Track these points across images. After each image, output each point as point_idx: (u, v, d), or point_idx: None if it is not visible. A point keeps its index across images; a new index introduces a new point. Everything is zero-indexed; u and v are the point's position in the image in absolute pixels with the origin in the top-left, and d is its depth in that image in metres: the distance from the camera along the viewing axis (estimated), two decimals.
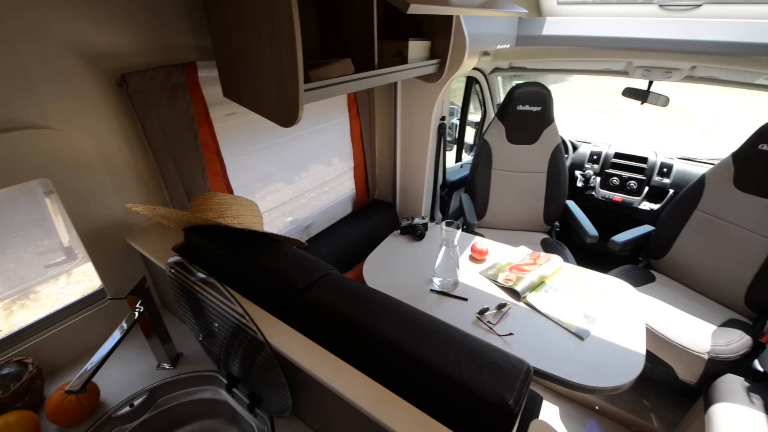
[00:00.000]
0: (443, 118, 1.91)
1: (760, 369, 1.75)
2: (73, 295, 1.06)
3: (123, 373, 0.97)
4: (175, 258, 0.82)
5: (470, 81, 2.53)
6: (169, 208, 0.87)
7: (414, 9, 0.72)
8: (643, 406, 1.70)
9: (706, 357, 1.40)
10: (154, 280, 1.12)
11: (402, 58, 1.37)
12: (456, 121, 2.82)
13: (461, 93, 2.67)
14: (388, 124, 1.85)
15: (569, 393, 1.78)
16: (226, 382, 0.89)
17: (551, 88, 2.09)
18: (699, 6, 1.61)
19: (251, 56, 0.90)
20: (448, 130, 2.80)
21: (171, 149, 1.02)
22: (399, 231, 1.68)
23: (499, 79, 2.67)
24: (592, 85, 8.40)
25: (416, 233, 1.63)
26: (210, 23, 0.97)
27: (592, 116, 7.26)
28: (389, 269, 1.47)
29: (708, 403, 1.29)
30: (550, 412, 1.72)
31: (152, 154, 0.99)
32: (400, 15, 1.55)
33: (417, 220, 1.67)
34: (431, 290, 1.34)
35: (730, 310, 1.66)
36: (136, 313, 0.86)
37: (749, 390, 1.26)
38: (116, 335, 0.80)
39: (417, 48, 1.41)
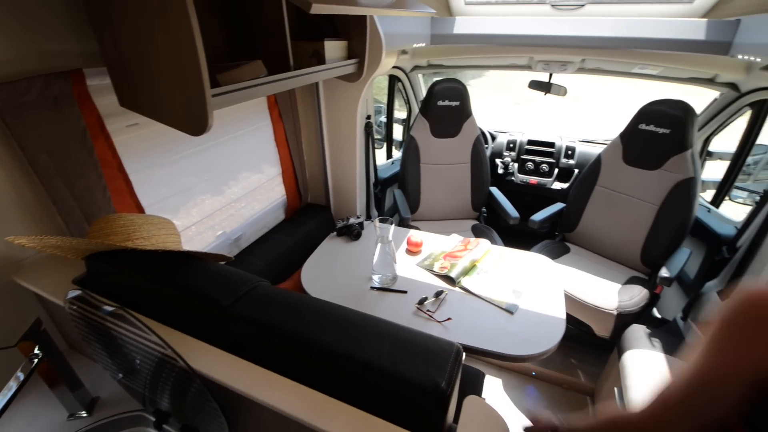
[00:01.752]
0: (369, 117, 1.93)
1: (658, 315, 2.05)
2: None
3: None
4: (76, 292, 0.73)
5: (393, 79, 2.59)
6: (63, 236, 0.76)
7: (317, 9, 0.72)
8: (571, 365, 1.90)
9: (615, 313, 1.60)
10: (55, 321, 0.98)
11: (320, 59, 1.35)
12: (384, 119, 2.87)
13: (387, 91, 2.72)
14: (314, 126, 1.82)
15: (508, 365, 1.92)
16: (154, 419, 0.81)
17: (471, 83, 2.23)
18: (583, 6, 1.82)
19: (147, 61, 0.82)
20: (376, 128, 2.83)
21: (60, 169, 0.90)
22: (335, 233, 1.67)
23: (420, 76, 2.77)
24: (506, 79, 9.09)
25: (352, 233, 1.63)
26: (95, 25, 0.87)
27: (507, 108, 7.86)
28: (328, 272, 1.45)
29: (620, 352, 1.48)
30: (493, 384, 1.84)
31: (36, 176, 0.86)
32: (314, 15, 1.53)
33: (352, 220, 1.67)
34: (371, 288, 1.35)
35: (630, 269, 1.92)
36: (34, 361, 0.75)
37: (650, 336, 1.47)
38: (10, 389, 0.69)
39: (334, 48, 1.41)
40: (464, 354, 1.69)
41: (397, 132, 2.99)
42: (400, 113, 2.97)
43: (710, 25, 1.58)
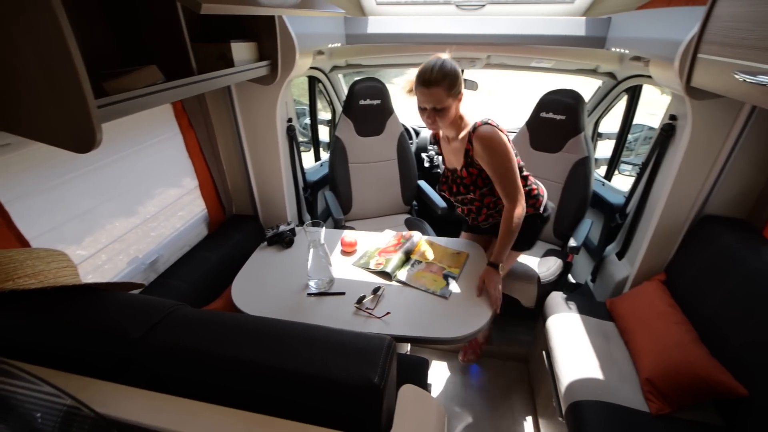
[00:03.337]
0: (290, 120, 1.88)
1: (573, 281, 2.30)
2: None
3: None
4: None
5: (313, 80, 2.55)
6: None
7: (207, 9, 0.67)
8: (506, 337, 2.05)
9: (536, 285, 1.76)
10: None
11: (228, 61, 1.28)
12: (308, 121, 2.82)
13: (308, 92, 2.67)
14: (231, 133, 1.72)
15: (451, 347, 2.01)
16: None
17: (393, 81, 2.27)
18: (483, 6, 1.96)
19: (11, 71, 0.71)
20: (301, 130, 2.76)
21: None
22: (266, 243, 1.60)
23: (341, 76, 2.77)
24: None
25: (284, 241, 1.58)
26: None
27: None
28: (261, 285, 1.39)
29: (544, 318, 1.63)
30: (439, 369, 1.92)
31: None
32: (218, 15, 1.44)
33: (283, 227, 1.62)
34: (308, 294, 1.32)
35: (547, 243, 2.12)
36: None
37: (566, 300, 1.65)
38: None
39: (242, 50, 1.34)
40: (409, 345, 1.72)
41: (324, 133, 2.96)
42: (325, 115, 2.94)
43: (588, 23, 1.81)
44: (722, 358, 1.18)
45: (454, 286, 1.35)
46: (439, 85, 1.22)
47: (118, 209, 1.30)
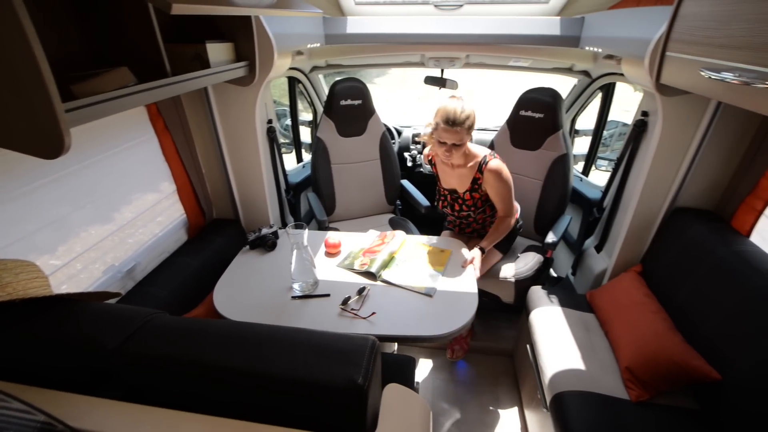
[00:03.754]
0: (270, 121, 1.85)
1: (554, 275, 2.35)
2: None
3: None
4: None
5: (293, 81, 2.52)
6: None
7: (178, 9, 0.66)
8: (490, 333, 2.08)
9: (513, 280, 1.79)
10: None
11: (203, 62, 1.26)
12: (289, 122, 2.79)
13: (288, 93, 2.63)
14: (210, 136, 1.69)
15: (438, 344, 2.03)
16: None
17: (375, 81, 2.27)
18: (461, 6, 1.98)
19: None
20: (283, 131, 2.73)
21: None
22: (248, 246, 1.58)
23: (321, 77, 2.75)
24: (407, 76, 9.48)
25: (267, 244, 1.56)
26: None
27: (411, 103, 8.22)
28: (244, 290, 1.37)
29: (527, 312, 1.66)
30: (426, 367, 1.93)
31: None
32: (193, 16, 1.41)
33: (265, 231, 1.59)
34: (293, 297, 1.31)
35: (527, 239, 2.16)
36: None
37: (548, 294, 1.68)
38: None
39: (218, 50, 1.32)
40: (395, 344, 1.73)
41: (305, 134, 2.93)
42: (307, 115, 2.91)
43: (563, 23, 1.85)
44: (696, 344, 1.23)
45: (438, 284, 1.36)
46: (462, 125, 1.45)
47: (92, 216, 1.26)
